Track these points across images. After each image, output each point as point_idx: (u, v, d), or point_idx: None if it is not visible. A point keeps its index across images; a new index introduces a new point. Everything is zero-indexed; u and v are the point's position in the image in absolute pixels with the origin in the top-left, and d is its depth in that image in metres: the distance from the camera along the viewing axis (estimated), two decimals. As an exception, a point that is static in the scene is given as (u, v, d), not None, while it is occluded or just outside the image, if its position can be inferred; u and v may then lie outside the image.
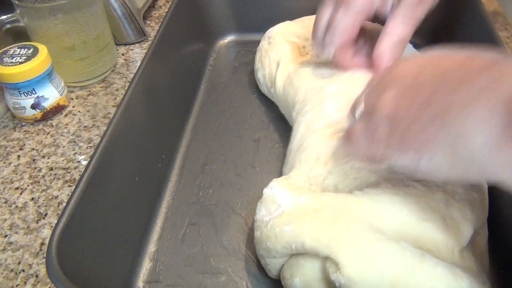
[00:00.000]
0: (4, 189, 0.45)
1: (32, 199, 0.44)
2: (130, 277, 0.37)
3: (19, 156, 0.48)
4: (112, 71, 0.60)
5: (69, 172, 0.46)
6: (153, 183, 0.43)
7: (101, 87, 0.58)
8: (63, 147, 0.49)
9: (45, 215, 0.42)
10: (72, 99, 0.56)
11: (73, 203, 0.31)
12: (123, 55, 0.63)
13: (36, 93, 0.50)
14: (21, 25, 0.53)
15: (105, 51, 0.57)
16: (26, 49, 0.50)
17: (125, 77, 0.59)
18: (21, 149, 0.49)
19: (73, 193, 0.31)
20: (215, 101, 0.55)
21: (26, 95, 0.50)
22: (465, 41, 0.52)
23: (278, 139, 0.49)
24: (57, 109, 0.53)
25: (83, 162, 0.47)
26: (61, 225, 0.29)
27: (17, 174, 0.46)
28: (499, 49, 0.42)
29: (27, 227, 0.41)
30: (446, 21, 0.56)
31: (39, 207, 0.43)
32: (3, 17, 0.52)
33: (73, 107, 0.55)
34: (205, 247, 0.39)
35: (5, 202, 0.43)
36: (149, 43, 0.63)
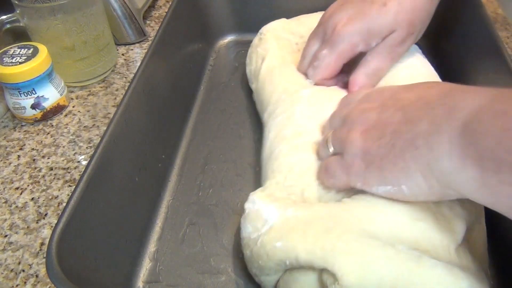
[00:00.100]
0: (4, 189, 0.45)
1: (32, 199, 0.44)
2: (130, 277, 0.36)
3: (19, 156, 0.48)
4: (112, 71, 0.60)
5: (69, 172, 0.46)
6: (153, 183, 0.43)
7: (101, 87, 0.58)
8: (63, 147, 0.49)
9: (45, 215, 0.42)
10: (72, 99, 0.56)
11: (73, 203, 0.31)
12: (123, 55, 0.63)
13: (36, 93, 0.50)
14: (21, 25, 0.53)
15: (105, 51, 0.57)
16: (26, 49, 0.50)
17: (125, 77, 0.59)
18: (21, 149, 0.49)
19: (73, 193, 0.31)
20: (215, 101, 0.55)
21: (26, 95, 0.50)
22: (465, 41, 0.52)
23: (278, 139, 0.49)
24: (57, 109, 0.53)
25: (83, 162, 0.47)
26: (61, 225, 0.29)
27: (17, 174, 0.46)
28: (499, 49, 0.42)
29: (27, 227, 0.41)
30: (446, 21, 0.56)
31: (39, 207, 0.43)
32: (3, 17, 0.52)
33: (73, 107, 0.55)
34: (205, 247, 0.39)
35: (5, 202, 0.43)
36: (149, 43, 0.63)
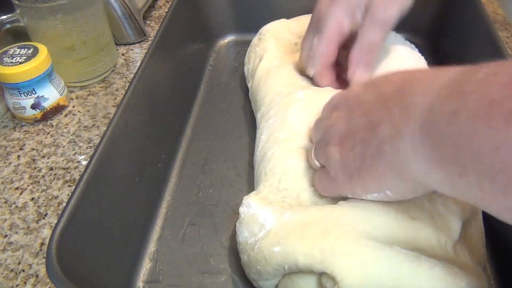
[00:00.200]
0: (4, 189, 0.45)
1: (32, 199, 0.44)
2: (130, 277, 0.36)
3: (19, 156, 0.48)
4: (112, 71, 0.60)
5: (69, 172, 0.46)
6: (153, 183, 0.43)
7: (101, 87, 0.58)
8: (63, 147, 0.49)
9: (45, 215, 0.42)
10: (72, 99, 0.56)
11: (73, 203, 0.31)
12: (123, 55, 0.63)
13: (36, 93, 0.50)
14: (21, 25, 0.53)
15: (105, 51, 0.57)
16: (26, 49, 0.50)
17: (125, 77, 0.59)
18: (21, 149, 0.49)
19: (73, 193, 0.31)
20: (215, 101, 0.55)
21: (26, 95, 0.50)
22: (465, 41, 0.52)
23: (278, 139, 0.49)
24: (57, 109, 0.53)
25: (83, 162, 0.47)
26: (61, 225, 0.29)
27: (17, 174, 0.46)
28: (499, 49, 0.42)
29: (27, 227, 0.41)
30: (446, 21, 0.56)
31: (39, 207, 0.43)
32: (3, 17, 0.52)
33: (73, 107, 0.55)
34: (205, 247, 0.39)
35: (5, 202, 0.43)
36: (149, 43, 0.63)
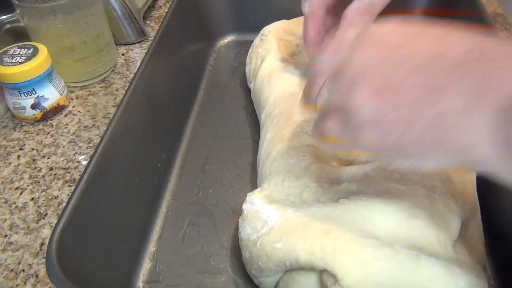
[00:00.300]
0: (4, 189, 0.45)
1: (32, 199, 0.44)
2: (130, 277, 0.37)
3: (19, 156, 0.48)
4: (112, 71, 0.60)
5: (69, 172, 0.46)
6: (153, 183, 0.43)
7: (101, 87, 0.58)
8: (63, 147, 0.49)
9: (45, 215, 0.42)
10: (72, 99, 0.56)
11: (73, 203, 0.31)
12: (123, 55, 0.63)
13: (36, 93, 0.50)
14: (21, 25, 0.53)
15: (105, 51, 0.57)
16: (26, 49, 0.50)
17: (125, 77, 0.59)
18: (21, 149, 0.49)
19: (73, 193, 0.31)
20: (215, 101, 0.55)
21: (26, 95, 0.50)
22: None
23: (278, 139, 0.49)
24: (57, 109, 0.53)
25: (83, 162, 0.47)
26: (61, 225, 0.29)
27: (17, 174, 0.46)
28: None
29: (27, 227, 0.41)
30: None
31: (39, 207, 0.43)
32: (3, 17, 0.52)
33: (73, 107, 0.55)
34: (205, 247, 0.39)
35: (5, 202, 0.43)
36: (149, 43, 0.63)
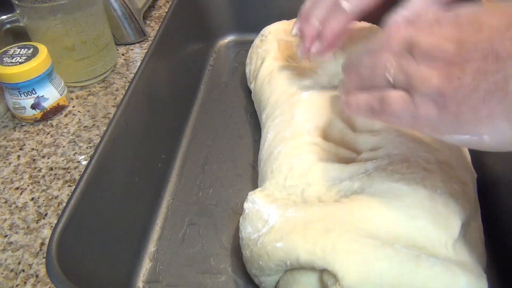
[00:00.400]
0: (4, 189, 0.45)
1: (32, 199, 0.44)
2: (130, 277, 0.36)
3: (19, 156, 0.48)
4: (112, 71, 0.60)
5: (69, 172, 0.46)
6: (153, 183, 0.43)
7: (101, 87, 0.58)
8: (63, 147, 0.49)
9: (45, 215, 0.42)
10: (72, 99, 0.56)
11: (73, 203, 0.31)
12: (123, 55, 0.63)
13: (36, 93, 0.50)
14: (21, 25, 0.53)
15: (105, 51, 0.57)
16: (26, 49, 0.50)
17: (125, 77, 0.59)
18: (21, 149, 0.49)
19: (73, 193, 0.31)
20: (215, 101, 0.55)
21: (26, 95, 0.50)
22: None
23: (278, 139, 0.49)
24: (57, 109, 0.53)
25: (83, 162, 0.47)
26: (61, 225, 0.29)
27: (17, 174, 0.46)
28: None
29: (27, 227, 0.41)
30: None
31: (39, 207, 0.43)
32: (3, 17, 0.52)
33: (73, 107, 0.55)
34: (205, 247, 0.39)
35: (5, 202, 0.43)
36: (149, 43, 0.63)
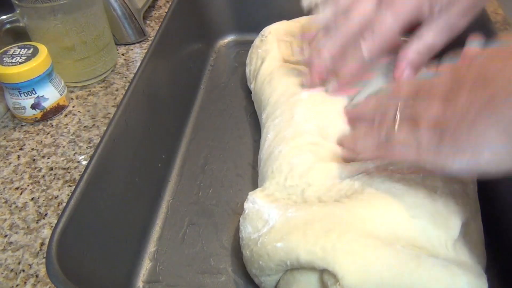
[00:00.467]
0: (4, 189, 0.45)
1: (32, 199, 0.44)
2: (130, 277, 0.36)
3: (19, 156, 0.48)
4: (112, 71, 0.60)
5: (69, 172, 0.46)
6: (153, 183, 0.43)
7: (101, 87, 0.58)
8: (63, 147, 0.49)
9: (45, 215, 0.42)
10: (72, 99, 0.56)
11: (73, 203, 0.31)
12: (123, 55, 0.63)
13: (36, 93, 0.50)
14: (21, 25, 0.53)
15: (105, 51, 0.57)
16: (26, 49, 0.50)
17: (125, 77, 0.59)
18: (21, 149, 0.49)
19: (73, 193, 0.31)
20: (215, 101, 0.55)
21: (26, 95, 0.50)
22: (465, 41, 0.52)
23: (278, 139, 0.49)
24: (57, 109, 0.53)
25: (83, 162, 0.47)
26: (61, 225, 0.29)
27: (17, 174, 0.46)
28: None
29: (27, 227, 0.41)
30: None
31: (39, 207, 0.43)
32: (3, 17, 0.52)
33: (73, 107, 0.55)
34: (205, 247, 0.39)
35: (5, 202, 0.43)
36: (149, 43, 0.63)
